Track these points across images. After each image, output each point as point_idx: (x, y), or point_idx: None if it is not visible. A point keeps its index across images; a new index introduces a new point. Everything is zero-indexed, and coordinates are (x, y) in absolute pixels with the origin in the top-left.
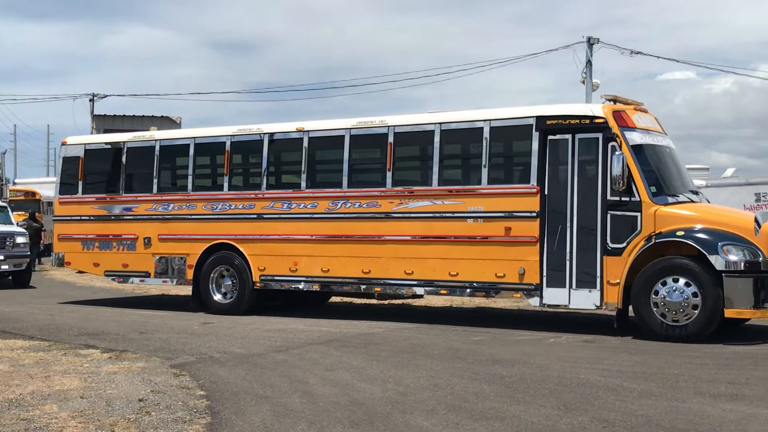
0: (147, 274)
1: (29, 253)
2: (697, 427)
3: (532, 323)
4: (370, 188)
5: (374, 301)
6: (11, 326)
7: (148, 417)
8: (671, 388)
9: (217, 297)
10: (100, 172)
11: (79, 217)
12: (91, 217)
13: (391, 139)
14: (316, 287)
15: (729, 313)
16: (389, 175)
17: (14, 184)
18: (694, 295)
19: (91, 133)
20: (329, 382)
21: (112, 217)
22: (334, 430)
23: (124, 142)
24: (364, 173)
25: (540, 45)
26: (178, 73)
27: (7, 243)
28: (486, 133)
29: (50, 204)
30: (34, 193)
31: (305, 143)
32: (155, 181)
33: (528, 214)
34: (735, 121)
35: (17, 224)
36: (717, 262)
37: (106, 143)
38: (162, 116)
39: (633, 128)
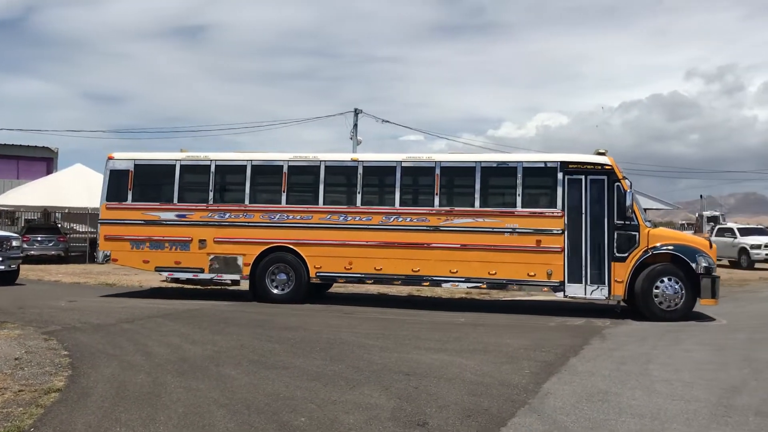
0: (201, 270)
1: (21, 255)
2: (415, 370)
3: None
4: (420, 207)
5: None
6: None
7: (22, 371)
8: (400, 344)
9: (275, 291)
10: (151, 184)
11: (128, 221)
12: (142, 221)
13: (437, 171)
14: (369, 282)
15: (701, 302)
16: (437, 198)
17: None
18: (681, 288)
19: None
20: (163, 344)
21: (165, 222)
22: (166, 379)
23: (177, 159)
24: (414, 195)
25: (325, 111)
26: (59, 114)
27: (5, 246)
28: (519, 171)
29: None
30: None
31: (360, 170)
32: (211, 193)
33: (556, 231)
34: None
35: None
36: (696, 267)
37: (158, 160)
38: (43, 146)
39: (622, 173)
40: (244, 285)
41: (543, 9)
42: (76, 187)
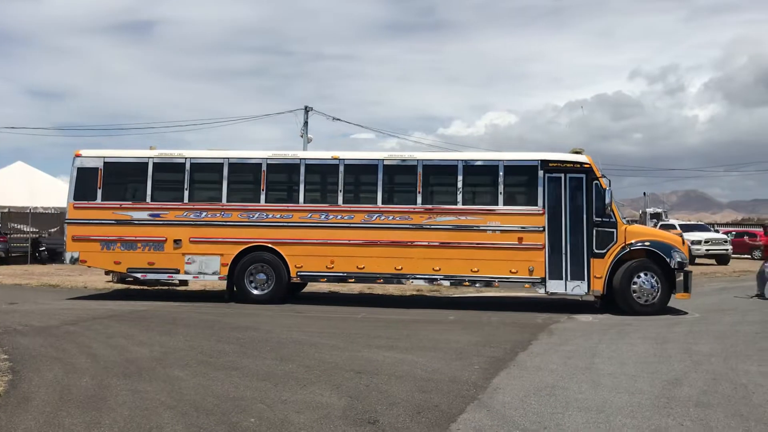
0: (176, 271)
1: None
2: (366, 368)
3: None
4: (403, 205)
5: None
6: None
7: None
8: (351, 342)
9: (255, 291)
10: (122, 182)
11: (98, 221)
12: (113, 221)
13: (420, 169)
14: (351, 281)
15: (676, 296)
16: (419, 196)
17: None
18: (657, 283)
19: None
20: (109, 346)
21: (138, 222)
22: (111, 382)
23: (150, 157)
24: (397, 193)
25: (274, 109)
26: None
27: None
28: (501, 170)
29: None
30: None
31: (341, 168)
32: (186, 192)
33: (537, 228)
34: None
35: None
36: (671, 262)
37: (129, 157)
38: None
39: (600, 171)
40: (193, 285)
41: (491, 9)
42: (16, 185)
